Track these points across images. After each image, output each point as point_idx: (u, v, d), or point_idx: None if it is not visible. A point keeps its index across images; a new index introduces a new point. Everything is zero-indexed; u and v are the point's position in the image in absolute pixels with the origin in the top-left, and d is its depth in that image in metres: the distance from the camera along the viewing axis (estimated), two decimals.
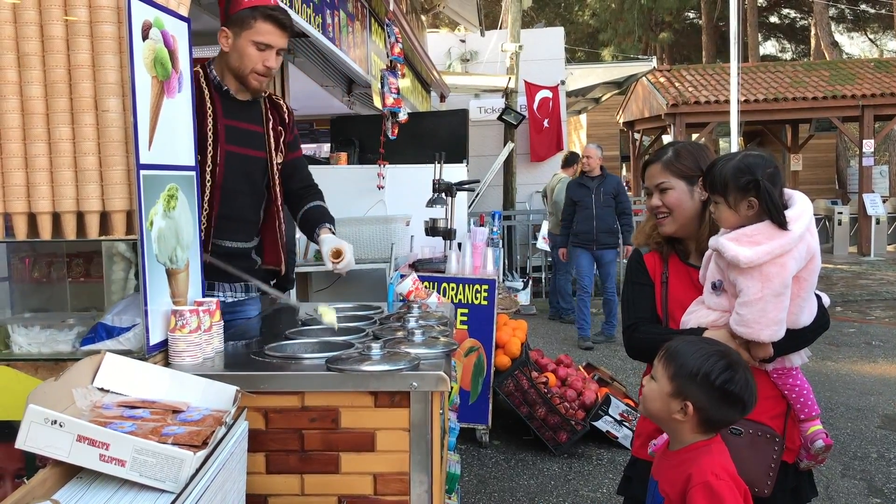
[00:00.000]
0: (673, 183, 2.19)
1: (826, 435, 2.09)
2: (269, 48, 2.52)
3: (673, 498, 1.79)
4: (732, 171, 1.95)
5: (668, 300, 2.19)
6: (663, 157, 2.23)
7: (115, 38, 1.85)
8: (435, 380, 1.89)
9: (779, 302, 1.91)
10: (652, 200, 2.23)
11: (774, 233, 1.90)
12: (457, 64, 12.61)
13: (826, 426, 2.08)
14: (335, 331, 2.34)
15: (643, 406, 1.88)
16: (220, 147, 2.58)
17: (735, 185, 1.94)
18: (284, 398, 1.91)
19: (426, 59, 8.45)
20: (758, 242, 1.89)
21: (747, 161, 1.97)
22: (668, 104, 15.64)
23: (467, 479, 4.31)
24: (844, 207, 16.06)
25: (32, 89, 1.84)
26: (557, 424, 4.71)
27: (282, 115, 2.83)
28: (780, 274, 1.89)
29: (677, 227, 2.21)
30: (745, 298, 1.91)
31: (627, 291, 2.30)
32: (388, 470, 1.91)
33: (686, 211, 2.18)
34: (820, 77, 16.60)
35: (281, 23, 2.51)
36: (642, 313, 2.22)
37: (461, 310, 4.80)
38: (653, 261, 2.26)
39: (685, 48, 29.61)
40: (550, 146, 12.44)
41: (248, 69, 2.54)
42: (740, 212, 1.96)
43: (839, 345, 7.76)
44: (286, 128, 2.83)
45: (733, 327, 1.96)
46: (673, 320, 2.17)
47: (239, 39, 2.51)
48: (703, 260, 2.10)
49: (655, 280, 2.23)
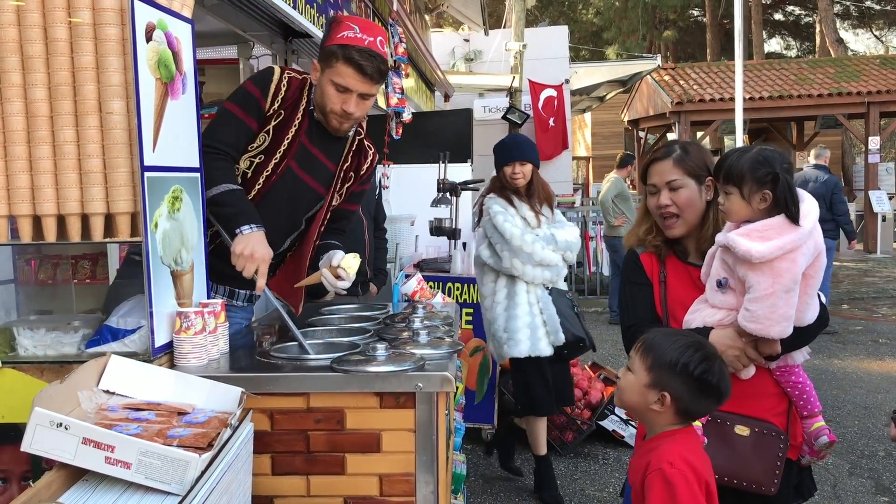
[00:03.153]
0: (686, 181, 2.15)
1: (829, 431, 2.10)
2: (347, 91, 2.36)
3: (636, 486, 1.80)
4: (750, 162, 1.94)
5: (668, 300, 2.17)
6: (674, 154, 2.18)
7: (118, 40, 1.85)
8: (440, 380, 1.88)
9: (789, 298, 1.90)
10: (660, 199, 2.17)
11: (785, 228, 1.90)
12: (461, 63, 12.61)
13: (833, 425, 2.08)
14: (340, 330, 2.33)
15: (618, 397, 1.89)
16: (285, 160, 2.47)
17: (752, 176, 1.93)
18: (290, 399, 1.91)
19: (430, 59, 8.44)
20: (769, 238, 1.89)
21: (765, 154, 1.96)
22: (673, 102, 15.60)
23: (473, 479, 4.30)
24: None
25: (36, 92, 1.84)
26: (563, 424, 4.70)
27: (361, 163, 2.68)
28: (790, 269, 1.89)
29: (687, 230, 2.17)
30: (756, 294, 1.90)
31: (626, 292, 2.27)
32: (393, 471, 1.91)
33: (696, 212, 2.15)
34: (825, 74, 16.55)
35: (362, 69, 2.33)
36: (643, 314, 2.19)
37: (466, 310, 4.80)
38: (649, 260, 2.23)
39: (689, 46, 29.55)
40: (556, 145, 12.44)
41: (326, 108, 2.41)
42: (753, 204, 1.95)
43: (846, 343, 7.74)
44: (358, 177, 2.69)
45: (743, 324, 1.95)
46: (674, 320, 2.14)
47: (322, 76, 2.39)
48: (706, 258, 2.08)
49: (653, 280, 2.20)
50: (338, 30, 2.36)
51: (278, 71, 2.46)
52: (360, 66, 2.32)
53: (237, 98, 2.43)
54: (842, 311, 9.53)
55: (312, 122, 2.51)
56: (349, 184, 2.67)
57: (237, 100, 2.42)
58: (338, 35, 2.35)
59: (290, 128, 2.47)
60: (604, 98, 16.93)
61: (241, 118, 2.38)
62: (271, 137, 2.46)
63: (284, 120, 2.45)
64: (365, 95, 2.40)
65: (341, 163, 2.61)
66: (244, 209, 2.29)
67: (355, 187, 2.70)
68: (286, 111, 2.45)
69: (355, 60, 2.32)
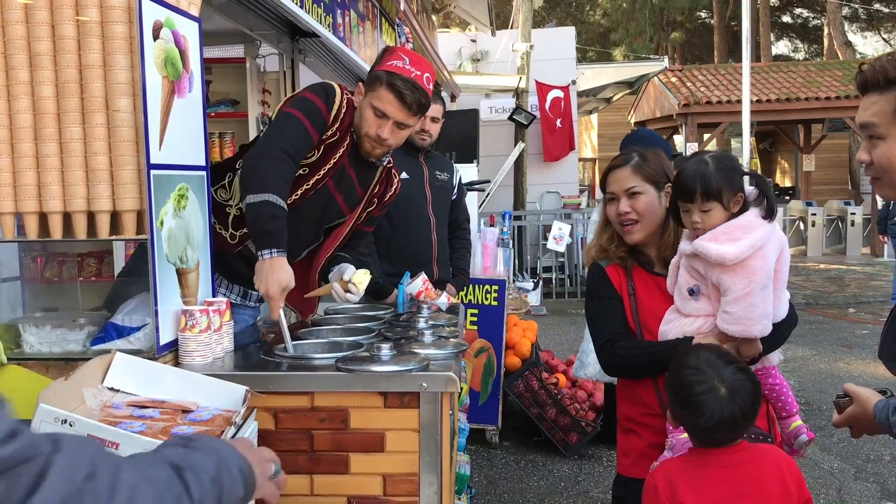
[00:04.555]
0: (644, 188, 2.15)
1: (807, 429, 2.15)
2: (384, 117, 2.39)
3: None
4: (720, 174, 1.95)
5: (640, 312, 2.14)
6: (631, 162, 2.18)
7: (125, 38, 1.85)
8: (444, 380, 1.88)
9: (765, 295, 1.92)
10: (620, 206, 2.15)
11: (752, 226, 1.93)
12: (467, 64, 12.59)
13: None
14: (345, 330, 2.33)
15: None
16: (326, 179, 2.47)
17: (729, 186, 1.95)
18: (294, 398, 1.91)
19: (437, 59, 8.45)
20: (738, 238, 1.91)
21: (724, 161, 2.00)
22: (680, 104, 15.57)
23: (477, 480, 4.30)
24: (857, 208, 15.94)
25: (44, 89, 1.85)
26: (568, 425, 4.69)
27: (386, 190, 2.71)
28: (763, 266, 1.91)
29: (646, 235, 2.16)
30: (734, 296, 1.91)
31: (594, 308, 2.21)
32: (397, 471, 1.91)
33: (655, 218, 2.15)
34: (833, 77, 16.50)
35: (402, 97, 2.35)
36: (616, 329, 2.14)
37: (471, 310, 4.79)
38: (616, 273, 2.18)
39: (697, 48, 29.50)
40: (563, 146, 12.43)
41: (362, 130, 2.44)
42: (731, 209, 1.97)
43: (852, 346, 7.70)
44: (381, 203, 2.72)
45: (723, 327, 1.94)
46: (648, 332, 2.11)
47: (364, 98, 2.42)
48: (670, 269, 2.08)
49: (622, 293, 2.16)
50: (388, 58, 2.41)
51: (339, 90, 2.43)
52: (402, 94, 2.35)
53: (304, 109, 2.34)
54: (848, 314, 9.50)
55: (353, 144, 2.51)
56: (371, 208, 2.69)
57: (304, 110, 2.34)
58: (387, 63, 2.40)
59: (339, 149, 2.46)
60: (611, 99, 16.90)
61: (308, 129, 2.33)
62: (321, 154, 2.44)
63: (337, 141, 2.44)
64: (401, 125, 2.42)
65: (370, 189, 2.63)
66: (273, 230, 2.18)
67: (375, 212, 2.73)
68: (340, 133, 2.44)
69: (397, 88, 2.35)
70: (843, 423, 1.74)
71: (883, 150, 1.47)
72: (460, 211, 4.00)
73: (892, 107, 1.44)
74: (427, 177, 3.70)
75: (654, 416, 2.07)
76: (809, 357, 7.21)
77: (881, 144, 1.47)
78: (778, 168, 22.19)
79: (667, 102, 16.52)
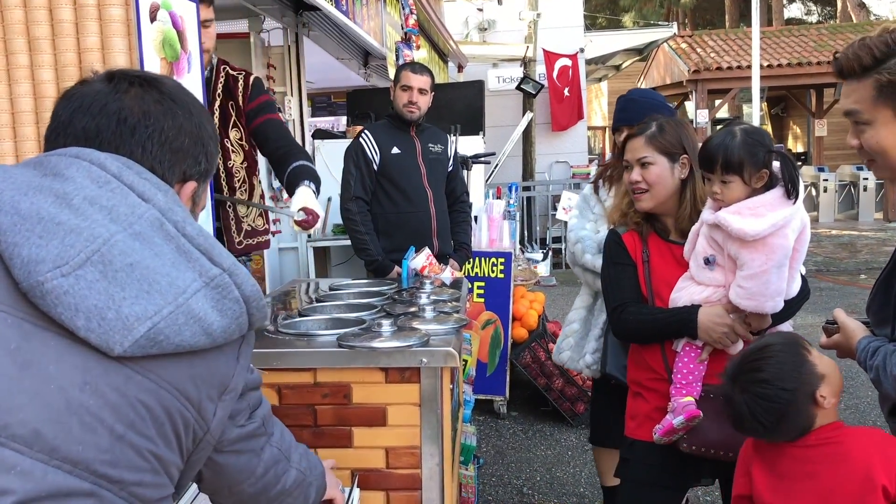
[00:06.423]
0: (655, 158, 2.17)
1: None
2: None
3: None
4: (744, 147, 1.94)
5: (653, 279, 2.17)
6: (647, 132, 2.21)
7: (123, 21, 1.86)
8: (444, 356, 1.91)
9: (781, 273, 1.93)
10: (632, 175, 2.21)
11: (776, 203, 1.92)
12: (474, 33, 12.48)
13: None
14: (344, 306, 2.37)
15: None
16: None
17: (752, 161, 1.93)
18: (297, 374, 1.95)
19: (443, 30, 8.38)
20: (761, 214, 1.90)
21: (752, 135, 1.97)
22: (690, 70, 15.40)
23: (485, 450, 4.36)
24: (870, 173, 15.75)
25: (44, 73, 1.86)
26: (575, 395, 4.74)
27: (233, 87, 2.97)
28: (783, 245, 1.91)
29: (655, 204, 2.19)
30: (750, 271, 1.92)
31: (609, 272, 2.27)
32: (399, 444, 1.95)
33: (666, 188, 2.17)
34: (846, 40, 16.19)
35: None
36: (628, 294, 2.19)
37: (478, 283, 4.82)
38: (632, 240, 2.23)
39: (708, 12, 29.08)
40: (572, 115, 12.34)
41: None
42: (753, 185, 1.95)
43: (862, 313, 7.68)
44: (244, 98, 2.97)
45: (737, 301, 1.96)
46: (659, 299, 2.15)
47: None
48: (690, 235, 2.09)
49: (637, 259, 2.20)
50: None
51: None
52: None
53: None
54: (860, 281, 9.47)
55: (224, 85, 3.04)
56: (233, 113, 2.98)
57: None
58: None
59: None
60: (620, 67, 16.73)
61: None
62: None
63: None
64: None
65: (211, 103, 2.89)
66: None
67: (245, 107, 3.01)
68: None
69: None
70: (829, 347, 1.82)
71: (870, 134, 1.48)
72: (457, 183, 3.99)
73: (871, 92, 1.45)
74: (420, 150, 3.74)
75: (661, 381, 2.12)
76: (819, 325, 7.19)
77: (868, 130, 1.49)
78: (790, 133, 21.97)
79: (676, 69, 16.35)
